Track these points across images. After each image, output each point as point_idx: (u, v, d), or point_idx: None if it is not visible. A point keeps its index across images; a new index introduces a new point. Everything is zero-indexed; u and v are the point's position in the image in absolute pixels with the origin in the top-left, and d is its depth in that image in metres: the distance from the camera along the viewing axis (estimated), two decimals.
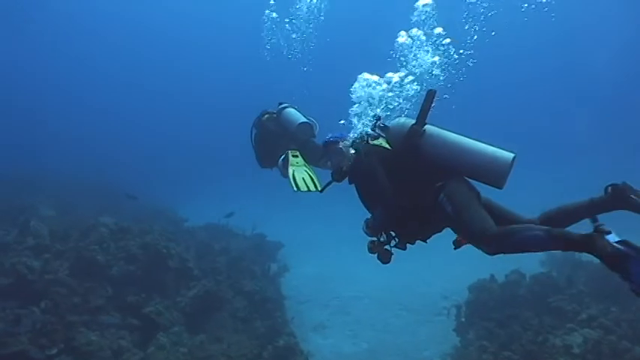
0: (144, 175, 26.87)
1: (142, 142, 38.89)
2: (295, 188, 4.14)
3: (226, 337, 8.85)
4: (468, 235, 3.08)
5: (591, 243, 2.57)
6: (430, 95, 3.34)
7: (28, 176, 17.99)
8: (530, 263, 10.99)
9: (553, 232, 2.73)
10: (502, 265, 10.19)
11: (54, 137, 33.42)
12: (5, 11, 33.71)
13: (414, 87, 3.79)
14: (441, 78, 3.87)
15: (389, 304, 12.60)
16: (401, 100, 3.76)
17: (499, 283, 10.34)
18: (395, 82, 3.80)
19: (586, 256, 2.71)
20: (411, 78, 3.81)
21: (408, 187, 3.26)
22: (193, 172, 31.65)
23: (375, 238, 3.50)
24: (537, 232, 2.77)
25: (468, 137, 3.25)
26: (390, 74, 3.84)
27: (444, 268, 13.91)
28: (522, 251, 2.83)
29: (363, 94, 3.75)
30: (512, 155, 3.11)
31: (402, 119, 3.46)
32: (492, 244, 2.90)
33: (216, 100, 42.76)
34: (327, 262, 15.77)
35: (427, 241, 3.52)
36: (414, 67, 3.86)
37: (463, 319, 10.31)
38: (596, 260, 2.62)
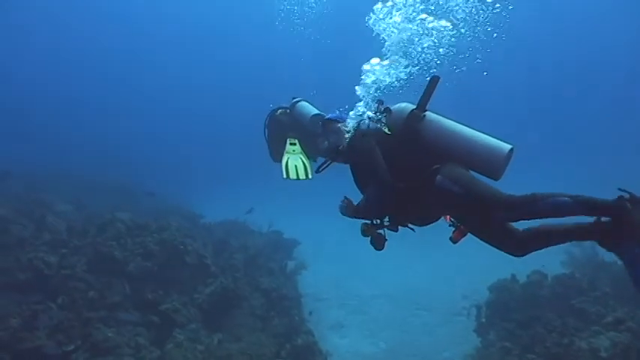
0: (158, 171, 26.91)
1: (155, 140, 39.07)
2: (285, 175, 4.11)
3: (244, 335, 8.74)
4: (481, 207, 3.00)
5: (625, 208, 2.58)
6: (433, 82, 3.31)
7: (42, 173, 18.05)
8: (552, 264, 10.76)
9: (580, 197, 2.72)
10: (523, 266, 9.95)
11: (67, 135, 33.64)
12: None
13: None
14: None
15: (406, 304, 12.44)
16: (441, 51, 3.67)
17: (520, 283, 10.10)
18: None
19: (609, 257, 2.63)
20: (447, 24, 3.68)
21: (404, 170, 3.24)
22: (207, 169, 31.70)
23: (368, 221, 3.51)
24: (563, 197, 2.75)
25: (469, 127, 3.20)
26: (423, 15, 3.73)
27: (462, 268, 13.74)
28: (537, 218, 2.86)
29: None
30: (509, 147, 3.05)
31: (404, 104, 3.40)
32: (512, 209, 2.90)
33: (230, 97, 42.83)
34: (343, 260, 15.64)
35: (416, 226, 3.50)
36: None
37: (483, 320, 10.10)
38: (621, 262, 2.56)
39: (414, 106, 3.32)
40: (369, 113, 3.53)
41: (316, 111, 4.79)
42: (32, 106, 38.45)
